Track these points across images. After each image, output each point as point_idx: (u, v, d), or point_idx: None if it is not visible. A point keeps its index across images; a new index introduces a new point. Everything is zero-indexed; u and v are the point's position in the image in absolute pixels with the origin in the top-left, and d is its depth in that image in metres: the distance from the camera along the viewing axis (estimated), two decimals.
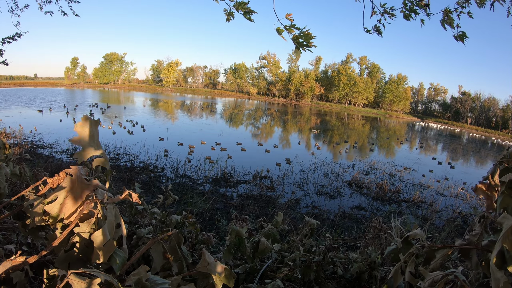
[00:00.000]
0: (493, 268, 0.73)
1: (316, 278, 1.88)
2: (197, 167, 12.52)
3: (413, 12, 2.66)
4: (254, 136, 24.90)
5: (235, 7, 2.02)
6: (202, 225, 6.69)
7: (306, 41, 1.78)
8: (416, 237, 1.08)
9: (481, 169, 22.10)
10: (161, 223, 1.99)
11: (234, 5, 2.02)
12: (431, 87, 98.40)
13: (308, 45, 1.78)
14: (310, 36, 1.76)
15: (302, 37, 1.77)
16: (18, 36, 5.14)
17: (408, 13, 2.67)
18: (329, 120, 48.32)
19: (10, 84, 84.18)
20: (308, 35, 1.76)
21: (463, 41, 2.61)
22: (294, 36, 1.79)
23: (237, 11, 2.05)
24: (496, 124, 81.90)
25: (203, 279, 0.99)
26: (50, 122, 22.11)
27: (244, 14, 2.01)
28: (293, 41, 1.81)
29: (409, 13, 2.66)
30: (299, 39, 1.79)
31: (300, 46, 1.79)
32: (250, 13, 2.01)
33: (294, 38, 1.80)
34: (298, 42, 1.79)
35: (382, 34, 3.04)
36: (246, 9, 1.99)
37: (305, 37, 1.77)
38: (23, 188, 2.21)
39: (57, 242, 0.87)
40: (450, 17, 2.57)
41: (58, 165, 10.32)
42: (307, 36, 1.76)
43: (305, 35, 1.76)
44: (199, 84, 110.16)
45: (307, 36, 1.76)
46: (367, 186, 12.24)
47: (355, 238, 4.82)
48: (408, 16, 2.69)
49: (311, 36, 1.77)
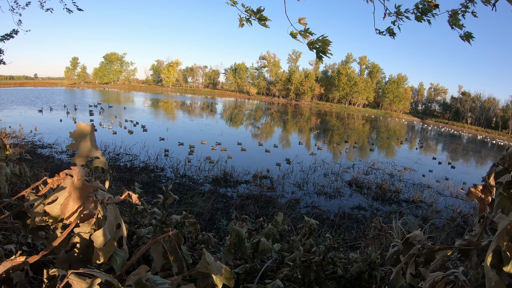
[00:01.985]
0: (486, 267, 0.74)
1: (316, 278, 1.88)
2: (197, 167, 12.52)
3: (424, 14, 2.63)
4: (254, 136, 24.90)
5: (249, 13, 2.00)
6: (202, 225, 6.69)
7: (322, 47, 1.74)
8: (416, 238, 1.08)
9: (481, 169, 22.10)
10: (161, 223, 1.99)
11: (246, 10, 2.00)
12: (431, 87, 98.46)
13: (325, 51, 1.74)
14: (327, 42, 1.72)
15: (319, 43, 1.73)
16: (15, 33, 5.13)
17: (420, 15, 2.64)
18: (329, 120, 48.31)
19: (10, 84, 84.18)
20: (325, 41, 1.72)
21: (469, 41, 2.59)
22: (310, 41, 1.76)
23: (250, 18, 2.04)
24: (496, 124, 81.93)
25: (203, 279, 0.99)
26: (50, 122, 22.11)
27: (258, 20, 2.00)
28: (309, 47, 1.76)
29: (421, 15, 2.64)
30: (315, 45, 1.75)
31: (319, 52, 1.75)
32: (265, 20, 1.99)
33: (309, 43, 1.76)
34: (315, 48, 1.75)
35: (394, 36, 2.99)
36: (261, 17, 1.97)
37: (322, 43, 1.73)
38: (23, 188, 2.21)
39: (57, 242, 0.87)
40: (457, 17, 2.55)
41: (58, 165, 10.32)
42: (324, 42, 1.72)
43: (322, 42, 1.72)
44: (199, 84, 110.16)
45: (324, 42, 1.72)
46: (367, 186, 12.24)
47: (355, 238, 4.82)
48: (420, 18, 2.64)
49: (328, 42, 1.73)
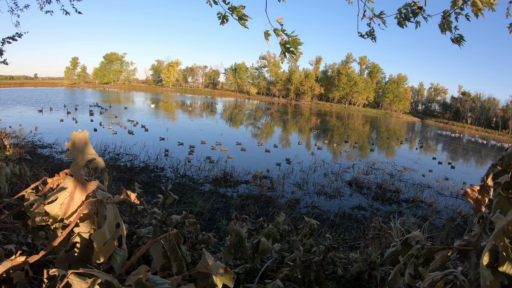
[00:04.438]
0: (481, 266, 0.74)
1: (316, 278, 1.88)
2: (197, 167, 12.52)
3: (407, 20, 2.63)
4: (254, 136, 24.90)
5: (230, 10, 2.01)
6: (202, 225, 6.69)
7: (293, 47, 1.78)
8: (415, 238, 1.08)
9: (481, 169, 22.10)
10: (161, 223, 2.00)
11: (230, 8, 2.01)
12: (431, 87, 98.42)
13: (295, 51, 1.79)
14: (298, 42, 1.77)
15: (290, 42, 1.78)
16: (19, 36, 5.10)
17: (403, 20, 2.64)
18: (329, 120, 48.30)
19: (10, 84, 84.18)
20: (296, 41, 1.76)
21: (459, 44, 2.58)
22: (283, 40, 1.80)
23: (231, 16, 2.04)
24: (496, 124, 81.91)
25: (203, 279, 0.99)
26: (50, 122, 22.12)
27: (238, 19, 2.00)
28: (281, 46, 1.81)
29: (403, 20, 2.63)
30: (286, 45, 1.79)
31: (287, 51, 1.80)
32: (244, 19, 1.99)
33: (282, 43, 1.80)
34: (285, 48, 1.79)
35: (376, 40, 3.00)
36: (241, 14, 1.97)
37: (293, 43, 1.77)
38: (23, 188, 2.21)
39: (57, 242, 0.87)
40: (448, 20, 2.55)
41: (58, 165, 10.32)
42: (295, 42, 1.77)
43: (293, 41, 1.77)
44: (199, 84, 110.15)
45: (295, 42, 1.77)
46: (367, 186, 12.24)
47: (355, 238, 4.82)
48: (402, 24, 2.64)
49: (299, 42, 1.77)
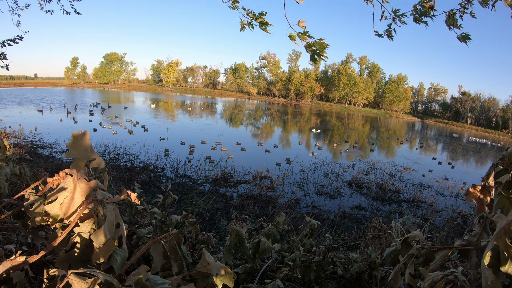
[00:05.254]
0: (483, 266, 0.74)
1: (316, 278, 1.88)
2: (197, 167, 12.52)
3: (424, 15, 2.63)
4: (254, 136, 24.90)
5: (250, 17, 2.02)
6: (202, 225, 6.69)
7: (319, 49, 1.75)
8: (415, 238, 1.08)
9: (481, 169, 22.10)
10: (161, 223, 1.99)
11: (248, 13, 2.02)
12: (431, 87, 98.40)
13: (322, 54, 1.76)
14: (324, 45, 1.74)
15: (316, 45, 1.75)
16: (20, 39, 5.08)
17: (419, 17, 2.64)
18: (329, 120, 48.30)
19: (10, 84, 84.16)
20: (322, 44, 1.73)
21: (466, 42, 2.58)
22: (308, 44, 1.77)
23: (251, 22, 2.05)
24: (496, 124, 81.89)
25: (203, 279, 0.99)
26: (50, 122, 22.12)
27: (260, 25, 2.01)
28: (306, 49, 1.78)
29: (419, 17, 2.64)
30: (312, 47, 1.76)
31: (315, 55, 1.76)
32: (266, 25, 2.01)
33: (307, 46, 1.78)
34: (311, 50, 1.77)
35: (393, 39, 2.98)
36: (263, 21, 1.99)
37: (319, 46, 1.74)
38: (23, 188, 2.21)
39: (57, 242, 0.87)
40: (454, 18, 2.55)
41: (58, 165, 10.32)
42: (321, 45, 1.74)
43: (319, 44, 1.74)
44: (199, 84, 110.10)
45: (321, 45, 1.74)
46: (367, 186, 12.24)
47: (355, 238, 4.82)
48: (418, 20, 2.64)
49: (325, 45, 1.74)
